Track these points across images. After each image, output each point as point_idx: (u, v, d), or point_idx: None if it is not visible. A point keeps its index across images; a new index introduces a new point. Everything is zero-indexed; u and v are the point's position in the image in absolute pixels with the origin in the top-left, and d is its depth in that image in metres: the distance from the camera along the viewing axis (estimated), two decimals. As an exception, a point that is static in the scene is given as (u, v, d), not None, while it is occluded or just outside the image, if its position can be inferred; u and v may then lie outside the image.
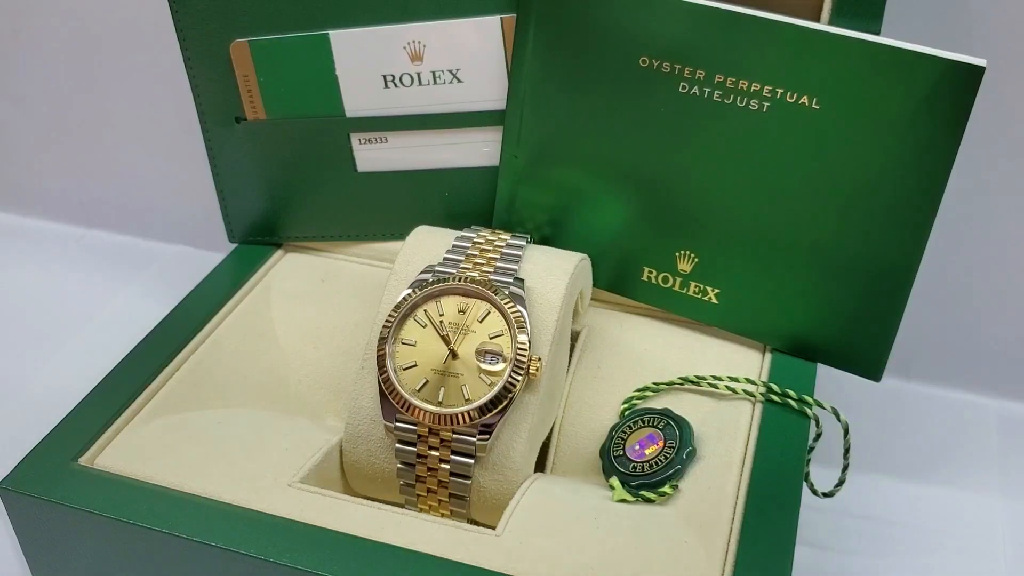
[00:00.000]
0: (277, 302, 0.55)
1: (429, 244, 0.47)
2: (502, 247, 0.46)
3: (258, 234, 0.58)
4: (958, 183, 0.44)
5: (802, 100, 0.45)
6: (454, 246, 0.46)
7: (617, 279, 0.52)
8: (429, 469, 0.42)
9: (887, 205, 0.45)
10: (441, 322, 0.43)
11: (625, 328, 0.52)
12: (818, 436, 0.46)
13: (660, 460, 0.43)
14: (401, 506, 0.43)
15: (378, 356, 0.42)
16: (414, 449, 0.42)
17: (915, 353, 0.62)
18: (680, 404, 0.47)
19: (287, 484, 0.42)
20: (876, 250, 0.46)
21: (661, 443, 0.44)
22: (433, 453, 0.41)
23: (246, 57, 0.52)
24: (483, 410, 0.41)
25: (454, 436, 0.41)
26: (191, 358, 0.50)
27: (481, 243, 0.46)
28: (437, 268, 0.44)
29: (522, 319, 0.42)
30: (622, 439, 0.45)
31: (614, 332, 0.51)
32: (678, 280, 0.51)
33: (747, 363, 0.50)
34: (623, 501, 0.43)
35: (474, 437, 0.41)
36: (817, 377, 0.49)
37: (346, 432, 0.44)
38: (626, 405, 0.47)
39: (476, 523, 0.42)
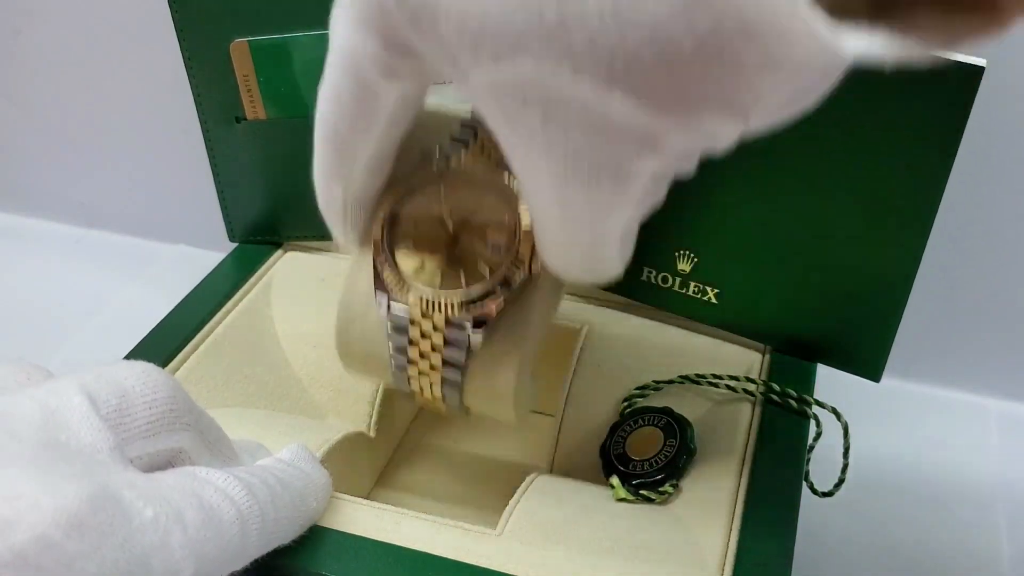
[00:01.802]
0: (277, 302, 0.55)
1: (436, 124, 0.41)
2: None
3: (258, 234, 0.58)
4: (958, 183, 0.44)
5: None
6: (462, 126, 0.40)
7: (617, 279, 0.52)
8: (421, 354, 0.39)
9: (887, 205, 0.45)
10: (443, 204, 0.39)
11: (625, 327, 0.52)
12: (818, 436, 0.46)
13: (660, 459, 0.43)
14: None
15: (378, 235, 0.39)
16: (406, 335, 0.38)
17: (915, 353, 0.62)
18: (680, 403, 0.47)
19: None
20: (876, 250, 0.46)
21: (662, 443, 0.44)
22: (425, 340, 0.38)
23: (246, 57, 0.52)
24: (480, 298, 0.37)
25: (447, 323, 0.38)
26: (191, 358, 0.50)
27: None
28: (443, 147, 0.40)
29: (526, 208, 0.37)
30: (622, 438, 0.45)
31: (614, 331, 0.51)
32: (677, 280, 0.51)
33: (747, 363, 0.50)
34: (623, 500, 0.43)
35: (467, 325, 0.37)
36: (817, 377, 0.49)
37: (339, 311, 0.41)
38: (626, 403, 0.47)
39: (467, 410, 0.41)
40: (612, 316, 0.53)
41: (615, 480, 0.43)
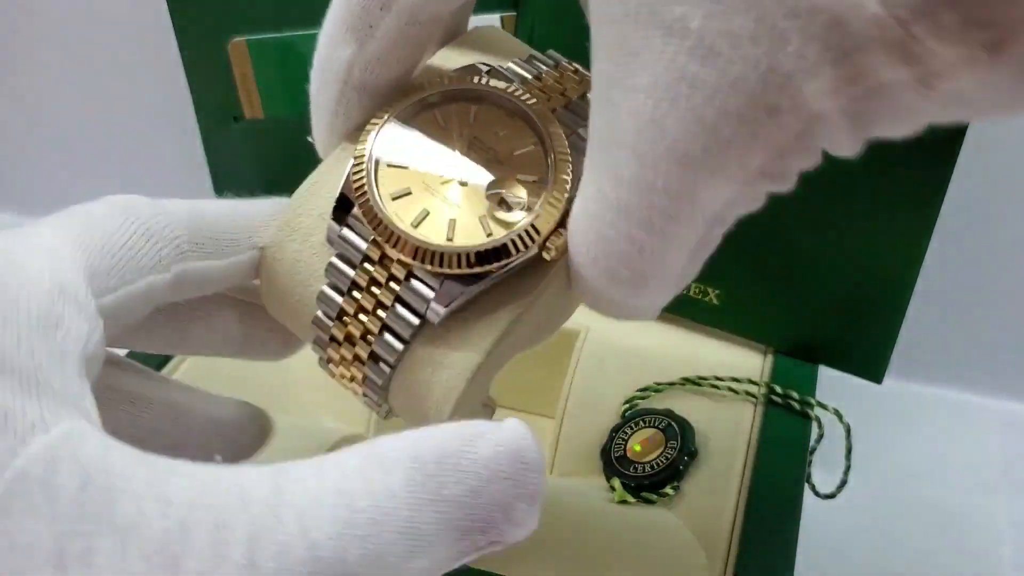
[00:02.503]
0: (275, 302, 0.54)
1: (497, 45, 0.33)
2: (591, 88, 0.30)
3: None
4: (960, 184, 0.44)
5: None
6: (531, 58, 0.32)
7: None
8: (359, 310, 0.29)
9: (888, 205, 0.45)
10: (463, 132, 0.30)
11: (626, 328, 0.52)
12: (820, 437, 0.46)
13: (661, 461, 0.43)
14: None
15: (360, 134, 0.30)
16: (350, 274, 0.29)
17: (917, 354, 0.61)
18: (682, 405, 0.46)
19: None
20: (878, 251, 0.46)
21: (663, 444, 0.44)
22: (368, 294, 0.28)
23: (244, 56, 0.52)
24: (463, 259, 0.27)
25: (410, 278, 0.28)
26: (188, 359, 0.49)
27: (570, 71, 0.32)
28: (499, 66, 0.31)
29: (567, 177, 0.28)
30: (623, 440, 0.45)
31: (615, 332, 0.51)
32: (679, 280, 0.51)
33: (749, 364, 0.50)
34: (624, 502, 0.43)
35: (433, 290, 0.28)
36: (819, 378, 0.49)
37: (281, 222, 0.31)
38: (627, 405, 0.47)
39: (388, 410, 0.31)
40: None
41: (616, 482, 0.43)
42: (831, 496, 0.48)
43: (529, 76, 0.31)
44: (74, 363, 0.22)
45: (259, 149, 0.55)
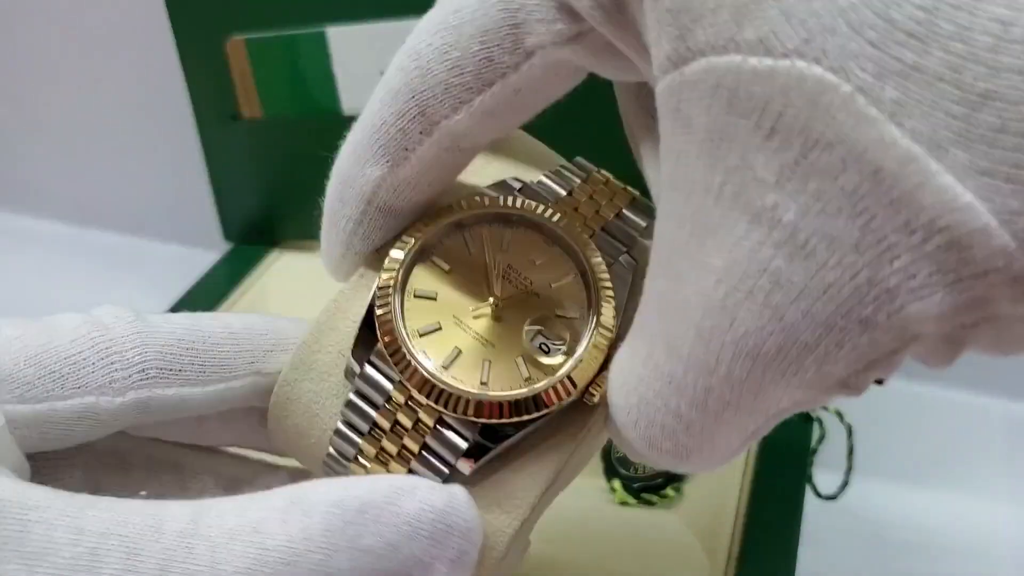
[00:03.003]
0: (273, 302, 0.54)
1: (525, 153, 0.31)
2: (624, 202, 0.29)
3: (254, 233, 0.58)
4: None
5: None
6: (560, 169, 0.29)
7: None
8: (379, 453, 0.26)
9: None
10: (496, 260, 0.27)
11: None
12: (821, 438, 0.46)
13: (662, 463, 0.43)
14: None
15: (385, 261, 0.27)
16: (371, 415, 0.26)
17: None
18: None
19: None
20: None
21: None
22: (392, 436, 0.26)
23: (242, 54, 0.52)
24: (500, 409, 0.25)
25: (439, 425, 0.26)
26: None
27: (600, 183, 0.29)
28: (530, 182, 0.29)
29: (611, 309, 0.26)
30: (624, 441, 0.45)
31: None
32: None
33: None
34: (624, 504, 0.42)
35: (466, 440, 0.25)
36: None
37: (295, 359, 0.28)
38: (627, 407, 0.47)
39: None
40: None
41: (616, 483, 0.43)
42: (833, 497, 0.48)
43: (562, 192, 0.28)
44: None
45: (257, 148, 0.54)
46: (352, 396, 0.26)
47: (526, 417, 0.25)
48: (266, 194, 0.56)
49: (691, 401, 0.21)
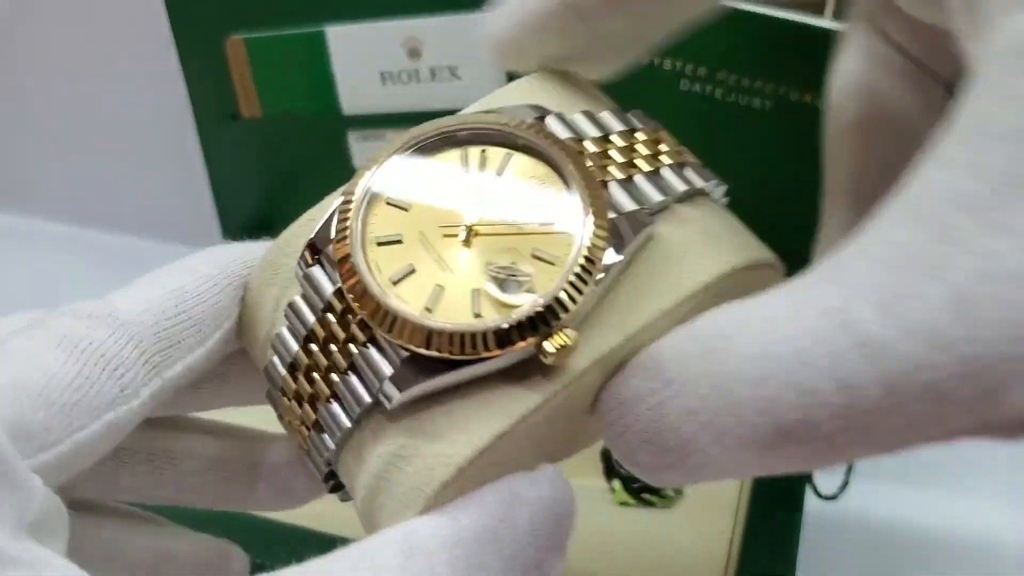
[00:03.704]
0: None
1: (558, 92, 0.27)
2: (670, 161, 0.26)
3: (253, 233, 0.57)
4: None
5: (806, 98, 0.45)
6: (599, 116, 0.26)
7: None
8: (310, 367, 0.24)
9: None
10: (486, 183, 0.24)
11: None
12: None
13: (662, 463, 0.43)
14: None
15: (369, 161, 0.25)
16: (309, 321, 0.24)
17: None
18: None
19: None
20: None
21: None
22: (330, 348, 0.23)
23: (242, 54, 0.52)
24: (434, 339, 0.22)
25: (369, 344, 0.23)
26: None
27: (647, 138, 0.26)
28: (562, 115, 0.25)
29: (597, 262, 0.22)
30: (624, 441, 0.45)
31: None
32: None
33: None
34: (624, 504, 0.42)
35: (393, 367, 0.22)
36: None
37: (264, 260, 0.27)
38: (627, 407, 0.47)
39: (341, 490, 0.26)
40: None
41: (616, 483, 0.43)
42: (833, 497, 0.47)
43: (595, 133, 0.25)
44: (11, 533, 0.19)
45: (257, 148, 0.54)
46: (297, 298, 0.24)
47: (463, 356, 0.22)
48: (266, 194, 0.56)
49: (881, 379, 0.17)
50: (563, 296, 0.22)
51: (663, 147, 0.26)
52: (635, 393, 0.21)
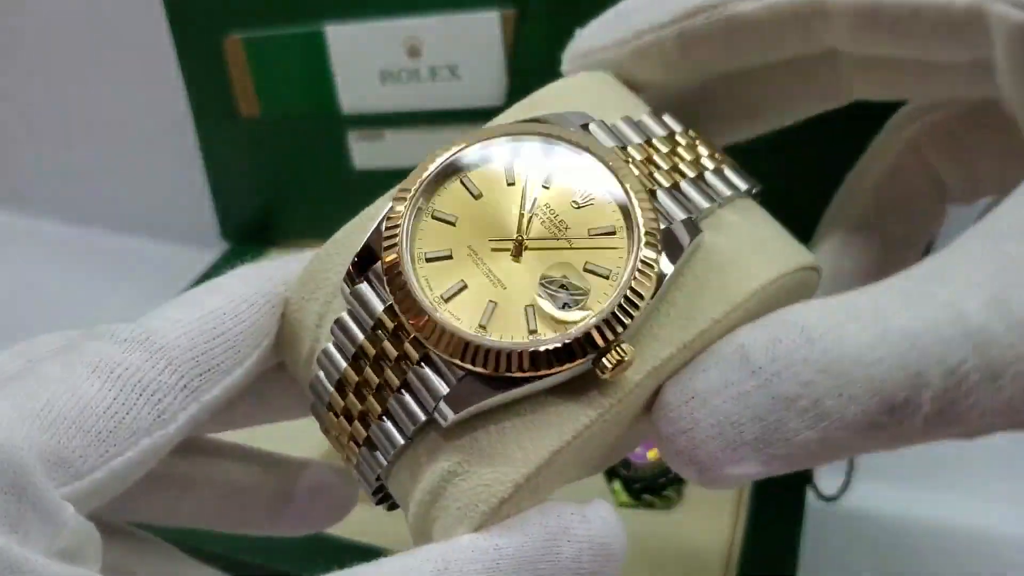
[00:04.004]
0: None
1: (601, 95, 0.27)
2: (712, 165, 0.26)
3: (252, 233, 0.58)
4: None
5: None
6: (639, 121, 0.26)
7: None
8: (362, 384, 0.23)
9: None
10: (533, 193, 0.24)
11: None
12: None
13: (664, 464, 0.43)
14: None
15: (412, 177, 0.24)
16: (359, 339, 0.23)
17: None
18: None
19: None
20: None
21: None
22: (374, 369, 0.23)
23: (240, 53, 0.52)
24: (491, 358, 0.22)
25: (424, 363, 0.22)
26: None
27: (687, 142, 0.26)
28: (604, 121, 0.25)
29: (651, 275, 0.22)
30: (625, 442, 0.44)
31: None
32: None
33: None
34: (625, 505, 0.42)
35: (449, 386, 0.22)
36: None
37: (305, 274, 0.26)
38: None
39: (390, 504, 0.26)
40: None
41: (617, 485, 0.43)
42: (834, 498, 0.47)
43: (638, 140, 0.25)
44: (41, 561, 0.19)
45: (255, 147, 0.54)
46: (344, 315, 0.24)
47: (519, 374, 0.21)
48: (264, 193, 0.56)
49: (985, 367, 0.19)
50: (619, 313, 0.21)
51: (702, 149, 0.26)
52: (711, 386, 0.21)
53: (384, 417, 0.23)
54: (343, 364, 0.23)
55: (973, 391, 0.19)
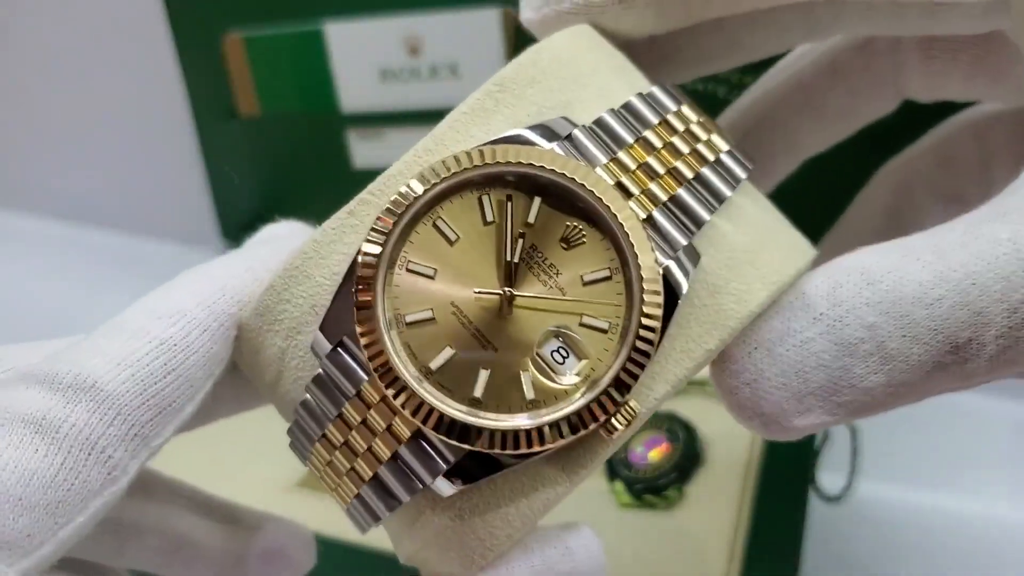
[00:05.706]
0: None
1: (583, 65, 0.24)
2: (711, 155, 0.23)
3: (251, 232, 0.57)
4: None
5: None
6: (632, 101, 0.23)
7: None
8: (347, 445, 0.22)
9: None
10: (518, 237, 0.21)
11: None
12: (825, 440, 0.46)
13: (665, 464, 0.43)
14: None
15: (379, 221, 0.21)
16: (338, 403, 0.21)
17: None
18: (686, 407, 0.46)
19: (285, 489, 0.41)
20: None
21: (666, 446, 0.44)
22: (360, 433, 0.21)
23: (240, 51, 0.51)
24: (493, 439, 0.20)
25: (417, 438, 0.21)
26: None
27: (683, 127, 0.23)
28: (585, 125, 0.22)
29: (655, 326, 0.20)
30: (626, 442, 0.44)
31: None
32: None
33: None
34: (626, 505, 0.42)
35: (447, 463, 0.21)
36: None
37: (260, 305, 0.23)
38: (629, 407, 0.47)
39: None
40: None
41: (618, 485, 0.43)
42: (837, 499, 0.47)
43: (628, 139, 0.22)
44: None
45: (255, 146, 0.54)
46: (321, 373, 0.21)
47: (524, 451, 0.20)
48: (264, 192, 0.56)
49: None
50: (624, 376, 0.20)
51: (698, 132, 0.23)
52: (775, 335, 0.21)
53: (375, 480, 0.21)
54: (327, 423, 0.21)
55: None
